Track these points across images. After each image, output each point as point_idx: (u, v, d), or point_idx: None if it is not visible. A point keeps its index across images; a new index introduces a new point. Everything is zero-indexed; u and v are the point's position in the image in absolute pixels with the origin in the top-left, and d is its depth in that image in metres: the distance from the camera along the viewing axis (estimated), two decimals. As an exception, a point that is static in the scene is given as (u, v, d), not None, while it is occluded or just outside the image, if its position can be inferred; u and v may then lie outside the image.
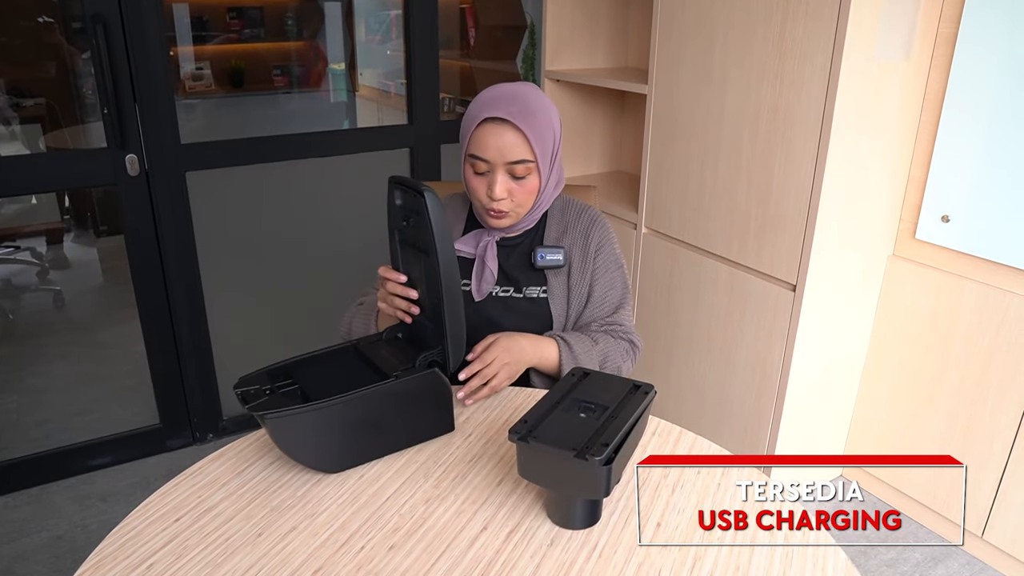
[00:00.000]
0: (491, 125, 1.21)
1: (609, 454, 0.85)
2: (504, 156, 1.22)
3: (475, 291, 1.34)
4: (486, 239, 1.34)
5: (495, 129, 1.21)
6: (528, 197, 1.28)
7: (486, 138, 1.22)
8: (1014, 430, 1.78)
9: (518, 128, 1.21)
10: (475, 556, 0.87)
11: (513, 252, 1.36)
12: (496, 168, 1.23)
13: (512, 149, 1.22)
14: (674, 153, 2.12)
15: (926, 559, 1.95)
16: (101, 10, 1.88)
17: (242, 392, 1.04)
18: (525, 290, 1.34)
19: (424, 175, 2.53)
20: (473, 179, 1.27)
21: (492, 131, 1.21)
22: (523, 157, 1.23)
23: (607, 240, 1.36)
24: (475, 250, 1.35)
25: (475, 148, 1.23)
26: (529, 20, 2.74)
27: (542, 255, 1.32)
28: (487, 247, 1.34)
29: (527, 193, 1.27)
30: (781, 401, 1.97)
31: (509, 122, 1.20)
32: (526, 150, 1.22)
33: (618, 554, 0.88)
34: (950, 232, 1.85)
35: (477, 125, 1.22)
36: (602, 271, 1.35)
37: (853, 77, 1.68)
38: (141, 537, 0.90)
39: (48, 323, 3.00)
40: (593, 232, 1.35)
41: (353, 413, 1.01)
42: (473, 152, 1.24)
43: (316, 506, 0.96)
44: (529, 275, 1.35)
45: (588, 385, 1.00)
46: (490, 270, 1.33)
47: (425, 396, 1.08)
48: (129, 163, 2.03)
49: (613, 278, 1.36)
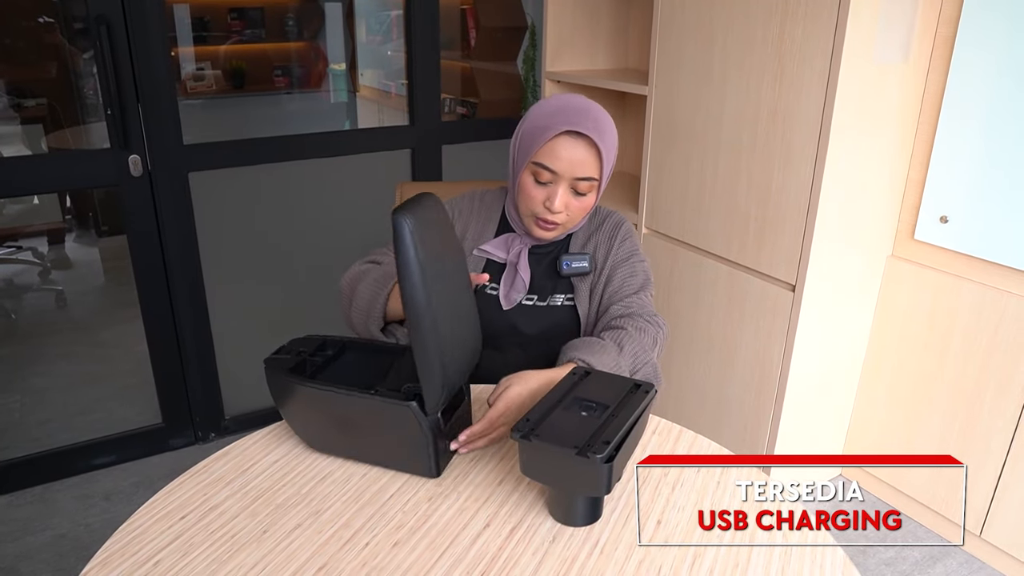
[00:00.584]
0: (568, 138, 1.19)
1: (610, 452, 0.86)
2: (574, 171, 1.21)
3: (503, 298, 1.32)
4: (519, 246, 1.33)
5: (571, 142, 1.19)
6: (582, 213, 1.27)
7: (560, 150, 1.20)
8: (1012, 429, 1.79)
9: (594, 145, 1.19)
10: (478, 553, 0.88)
11: (543, 260, 1.34)
12: (560, 181, 1.22)
13: (583, 165, 1.21)
14: (674, 154, 2.13)
15: (925, 558, 1.96)
16: (105, 11, 1.89)
17: (287, 344, 1.10)
18: (550, 298, 1.32)
19: (425, 176, 2.54)
20: (533, 187, 1.24)
21: (568, 144, 1.19)
22: (591, 175, 1.22)
23: (630, 238, 1.35)
24: (506, 255, 1.33)
25: (545, 158, 1.21)
26: (530, 21, 2.75)
27: (567, 263, 1.30)
28: (520, 254, 1.32)
29: (582, 209, 1.26)
30: (780, 400, 1.98)
31: (587, 137, 1.19)
32: (595, 168, 1.22)
33: (619, 551, 0.89)
34: (948, 233, 1.86)
35: (554, 136, 1.19)
36: (623, 261, 1.32)
37: (852, 78, 1.69)
38: (147, 534, 0.91)
39: (50, 323, 3.01)
40: (617, 234, 1.34)
41: (327, 406, 1.03)
42: (541, 161, 1.21)
43: (320, 503, 0.97)
44: (555, 283, 1.33)
45: (589, 384, 1.01)
46: (522, 279, 1.31)
47: (397, 426, 0.98)
48: (132, 164, 2.04)
49: (635, 267, 1.32)
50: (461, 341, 1.01)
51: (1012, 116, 1.69)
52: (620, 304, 1.27)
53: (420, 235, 0.89)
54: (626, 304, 1.27)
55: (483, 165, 2.65)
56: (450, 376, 0.97)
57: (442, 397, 0.97)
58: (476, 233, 1.37)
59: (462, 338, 1.02)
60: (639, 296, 1.29)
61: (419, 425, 0.97)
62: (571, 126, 1.18)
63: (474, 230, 1.38)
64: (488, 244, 1.34)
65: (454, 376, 0.99)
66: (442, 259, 0.96)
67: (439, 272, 0.94)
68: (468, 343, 1.04)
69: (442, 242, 0.98)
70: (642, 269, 1.33)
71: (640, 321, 1.23)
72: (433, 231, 0.94)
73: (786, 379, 1.95)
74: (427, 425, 0.97)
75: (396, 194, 1.82)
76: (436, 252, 0.94)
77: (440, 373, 0.94)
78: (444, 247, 0.98)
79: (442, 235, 0.99)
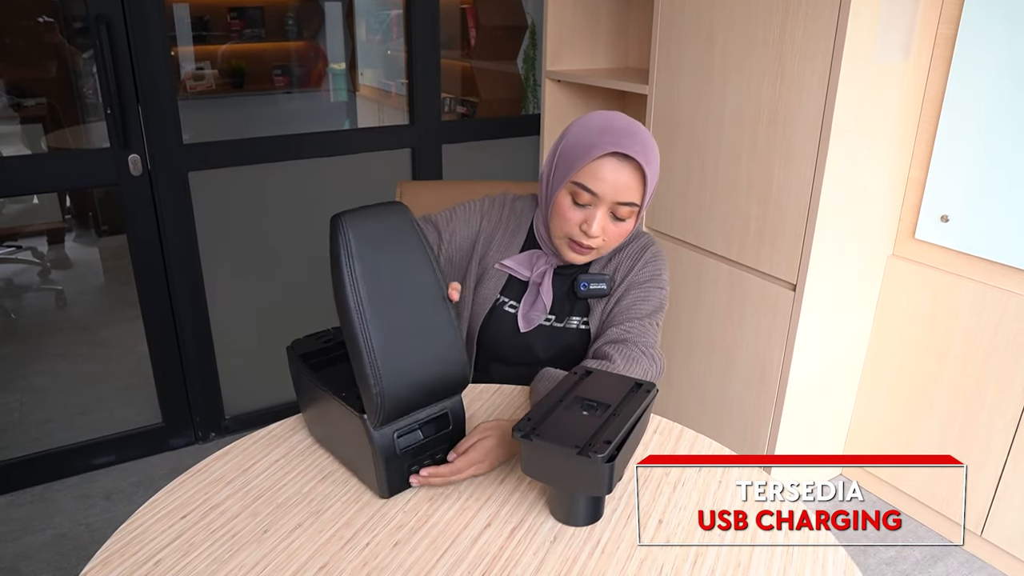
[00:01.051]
0: (613, 159, 1.12)
1: (611, 451, 0.85)
2: (616, 195, 1.14)
3: (521, 319, 1.26)
4: (544, 266, 1.26)
5: (617, 165, 1.12)
6: (618, 239, 1.20)
7: (604, 172, 1.13)
8: (1013, 429, 1.79)
9: (641, 170, 1.12)
10: (479, 552, 0.88)
11: (565, 281, 1.28)
12: (600, 204, 1.15)
13: (627, 190, 1.14)
14: (674, 153, 2.13)
15: (926, 557, 1.96)
16: (104, 10, 1.89)
17: (329, 331, 1.12)
18: (567, 320, 1.27)
19: (425, 175, 2.54)
20: (569, 208, 1.17)
21: (613, 166, 1.12)
22: (633, 200, 1.15)
23: (654, 262, 1.26)
24: (530, 273, 1.27)
25: (587, 179, 1.14)
26: (530, 20, 2.75)
27: (585, 284, 1.23)
28: (545, 275, 1.26)
29: (619, 235, 1.19)
30: (781, 400, 1.97)
31: (633, 161, 1.12)
32: (638, 193, 1.15)
33: (620, 550, 0.89)
34: (949, 232, 1.86)
35: (599, 156, 1.12)
36: (640, 283, 1.24)
37: (853, 78, 1.69)
38: (148, 534, 0.91)
39: (50, 322, 3.01)
40: (642, 256, 1.26)
41: (316, 400, 1.04)
42: (582, 182, 1.14)
43: (321, 503, 0.97)
44: (573, 304, 1.27)
45: (591, 383, 1.01)
46: (543, 302, 1.25)
47: (355, 435, 0.94)
48: (132, 163, 2.04)
49: (650, 292, 1.23)
50: (417, 360, 0.92)
51: (1013, 115, 1.69)
52: (620, 327, 1.19)
53: (358, 241, 0.87)
54: (626, 328, 1.19)
55: (483, 164, 2.65)
56: (396, 393, 0.90)
57: (380, 413, 0.90)
58: (502, 244, 1.30)
59: (419, 357, 0.93)
60: (643, 323, 1.20)
61: (367, 439, 0.92)
62: (618, 147, 1.11)
63: (500, 240, 1.30)
64: (511, 260, 1.28)
65: (404, 393, 0.91)
66: (392, 270, 0.91)
67: (383, 283, 0.89)
68: (431, 365, 0.94)
69: (396, 251, 0.92)
70: (657, 296, 1.24)
71: (634, 351, 1.15)
72: (383, 238, 0.91)
73: (787, 378, 1.95)
74: (376, 441, 0.92)
75: (396, 193, 1.82)
76: (381, 261, 0.89)
77: (375, 385, 0.88)
78: (398, 257, 0.92)
79: (400, 245, 0.92)
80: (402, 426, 0.95)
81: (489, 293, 1.29)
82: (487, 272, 1.30)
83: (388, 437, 0.93)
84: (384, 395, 0.89)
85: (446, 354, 0.95)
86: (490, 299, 1.29)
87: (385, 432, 0.93)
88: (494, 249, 1.30)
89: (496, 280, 1.29)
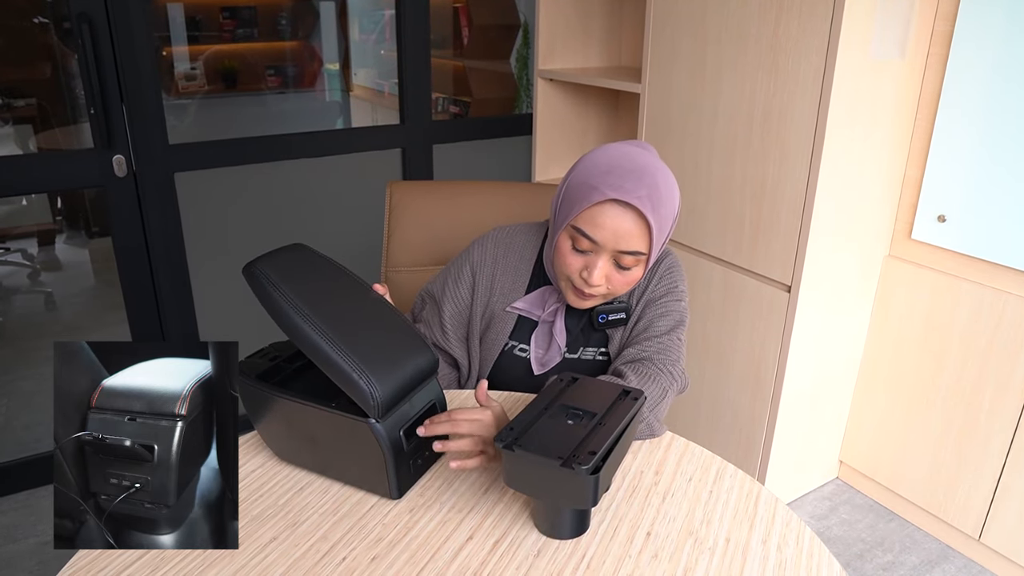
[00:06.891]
0: (614, 206, 1.03)
1: (596, 463, 0.82)
2: (618, 243, 1.05)
3: (535, 362, 1.19)
4: (555, 303, 1.19)
5: (617, 212, 1.03)
6: (625, 287, 1.11)
7: (603, 219, 1.03)
8: (1011, 431, 1.76)
9: (644, 218, 1.03)
10: (460, 567, 0.85)
11: (582, 314, 1.21)
12: (602, 252, 1.06)
13: (629, 239, 1.04)
14: (668, 152, 2.10)
15: (923, 562, 1.93)
16: (86, 9, 1.86)
17: (267, 348, 1.07)
18: (581, 351, 1.21)
19: (416, 175, 2.51)
20: (569, 254, 1.09)
21: (613, 213, 1.03)
22: (637, 249, 1.05)
23: (670, 273, 1.20)
24: (541, 312, 1.19)
25: (585, 224, 1.05)
26: (522, 19, 2.72)
27: (604, 316, 1.16)
28: (557, 313, 1.18)
29: (626, 283, 1.10)
30: (776, 402, 1.95)
31: (636, 209, 1.02)
32: (644, 242, 1.05)
33: (607, 565, 0.86)
34: (946, 232, 1.83)
35: (598, 202, 1.03)
36: (658, 298, 1.18)
37: (848, 75, 1.66)
38: (115, 549, 0.88)
39: (39, 325, 2.97)
40: (658, 269, 1.19)
41: (290, 418, 0.99)
42: (581, 227, 1.05)
43: (298, 515, 0.94)
44: (589, 335, 1.20)
45: (576, 391, 0.97)
46: (557, 344, 1.18)
47: (356, 442, 0.94)
48: (116, 164, 2.01)
49: (668, 306, 1.17)
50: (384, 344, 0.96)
51: (1010, 114, 1.66)
52: (638, 347, 1.14)
53: (276, 272, 0.95)
54: (643, 347, 1.13)
55: (474, 164, 2.62)
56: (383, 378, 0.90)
57: (377, 405, 0.89)
58: (505, 287, 1.22)
59: (384, 341, 0.96)
60: (663, 340, 1.14)
61: (376, 443, 0.92)
62: (619, 193, 1.01)
63: (503, 284, 1.22)
64: (522, 301, 1.20)
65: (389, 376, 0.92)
66: (319, 284, 0.98)
67: (318, 296, 0.95)
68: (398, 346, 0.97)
69: (314, 272, 1.01)
70: (676, 308, 1.18)
71: (651, 369, 1.10)
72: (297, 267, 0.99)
73: (782, 380, 1.92)
74: (384, 442, 0.92)
75: (387, 193, 1.79)
76: (304, 281, 0.97)
77: (361, 377, 0.88)
78: (317, 274, 1.01)
79: (314, 268, 1.02)
80: (402, 423, 0.95)
81: (498, 338, 1.22)
82: (495, 316, 1.22)
83: (395, 435, 0.94)
84: (373, 384, 0.89)
85: (405, 336, 0.99)
86: (499, 344, 1.22)
87: (392, 431, 0.93)
88: (498, 293, 1.22)
89: (504, 323, 1.21)
